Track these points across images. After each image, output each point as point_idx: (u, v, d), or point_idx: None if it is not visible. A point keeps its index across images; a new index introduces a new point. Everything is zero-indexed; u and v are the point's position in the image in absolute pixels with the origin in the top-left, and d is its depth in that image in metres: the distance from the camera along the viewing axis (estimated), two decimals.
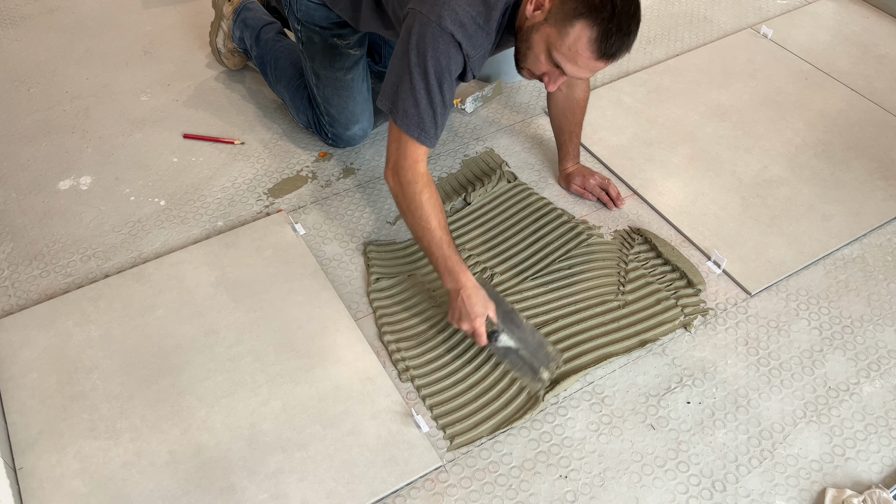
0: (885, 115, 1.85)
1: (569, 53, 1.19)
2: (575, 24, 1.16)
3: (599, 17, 1.14)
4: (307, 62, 1.64)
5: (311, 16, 1.55)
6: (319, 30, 1.57)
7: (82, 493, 1.18)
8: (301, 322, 1.40)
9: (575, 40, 1.17)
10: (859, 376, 1.35)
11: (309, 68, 1.64)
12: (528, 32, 1.24)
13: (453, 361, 1.35)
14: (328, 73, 1.62)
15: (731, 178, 1.69)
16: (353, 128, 1.70)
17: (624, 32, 1.17)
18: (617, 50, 1.18)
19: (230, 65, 1.95)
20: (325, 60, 1.61)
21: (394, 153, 1.30)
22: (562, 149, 1.66)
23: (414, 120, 1.26)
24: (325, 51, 1.60)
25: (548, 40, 1.21)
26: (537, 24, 1.22)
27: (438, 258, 1.30)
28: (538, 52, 1.23)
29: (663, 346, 1.38)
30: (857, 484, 1.21)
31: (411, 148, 1.28)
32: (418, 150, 1.29)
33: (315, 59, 1.61)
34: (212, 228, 1.59)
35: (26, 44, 2.09)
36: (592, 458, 1.24)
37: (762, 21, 2.16)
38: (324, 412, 1.27)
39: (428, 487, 1.20)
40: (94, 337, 1.38)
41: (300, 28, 1.59)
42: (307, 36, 1.59)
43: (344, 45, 1.59)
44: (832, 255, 1.55)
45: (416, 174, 1.29)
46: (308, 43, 1.60)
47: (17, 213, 1.63)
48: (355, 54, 1.62)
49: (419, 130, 1.27)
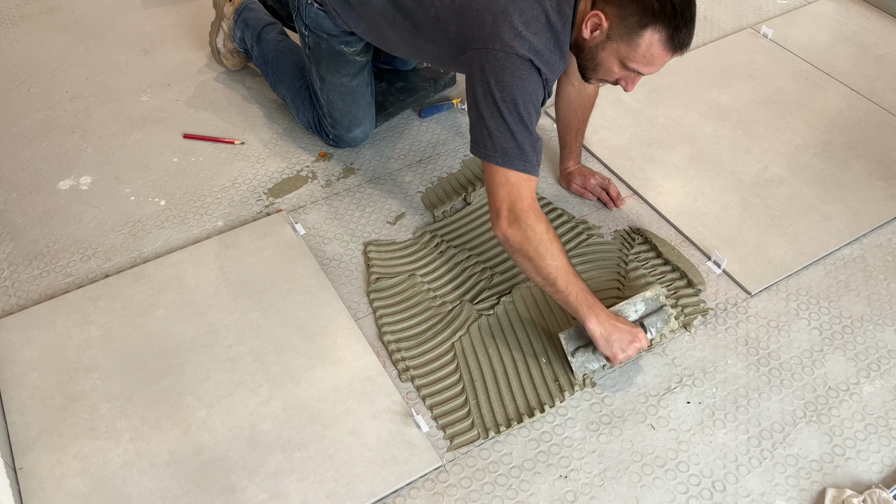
0: (885, 115, 1.85)
1: (644, 59, 1.22)
2: (643, 33, 1.19)
3: (664, 19, 1.17)
4: (312, 66, 1.63)
5: (320, 24, 1.54)
6: (327, 37, 1.56)
7: (82, 493, 1.18)
8: (301, 322, 1.40)
9: (647, 47, 1.20)
10: (859, 376, 1.35)
11: (314, 72, 1.64)
12: (592, 52, 1.26)
13: (453, 361, 1.35)
14: (334, 79, 1.62)
15: (731, 178, 1.69)
16: (355, 130, 1.71)
17: (688, 21, 1.19)
18: (687, 39, 1.21)
19: (230, 65, 1.95)
20: (332, 66, 1.61)
21: (505, 198, 1.24)
22: (565, 147, 1.65)
23: (515, 153, 1.23)
24: (331, 57, 1.59)
25: (618, 54, 1.23)
26: (601, 44, 1.24)
27: (576, 295, 1.25)
28: (610, 66, 1.26)
29: (663, 347, 1.38)
30: (857, 484, 1.21)
31: (523, 185, 1.24)
32: (529, 184, 1.24)
33: (321, 64, 1.61)
34: (212, 228, 1.59)
35: (26, 44, 2.09)
36: (592, 458, 1.24)
37: (762, 21, 2.16)
38: (324, 412, 1.27)
39: (428, 487, 1.20)
40: (94, 337, 1.38)
41: (307, 34, 1.58)
42: (314, 42, 1.58)
43: (351, 52, 1.58)
44: (832, 255, 1.55)
45: (536, 213, 1.24)
46: (315, 48, 1.59)
47: (17, 213, 1.63)
48: (361, 60, 1.62)
49: (523, 162, 1.23)
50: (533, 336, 1.39)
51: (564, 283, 1.25)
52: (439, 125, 1.85)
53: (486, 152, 1.25)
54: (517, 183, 1.24)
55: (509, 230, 1.24)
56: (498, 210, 1.25)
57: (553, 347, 1.37)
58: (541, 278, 1.26)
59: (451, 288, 1.47)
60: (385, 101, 1.83)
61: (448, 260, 1.52)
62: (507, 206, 1.24)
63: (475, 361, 1.35)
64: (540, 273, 1.26)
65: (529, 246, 1.24)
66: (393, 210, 1.63)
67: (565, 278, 1.25)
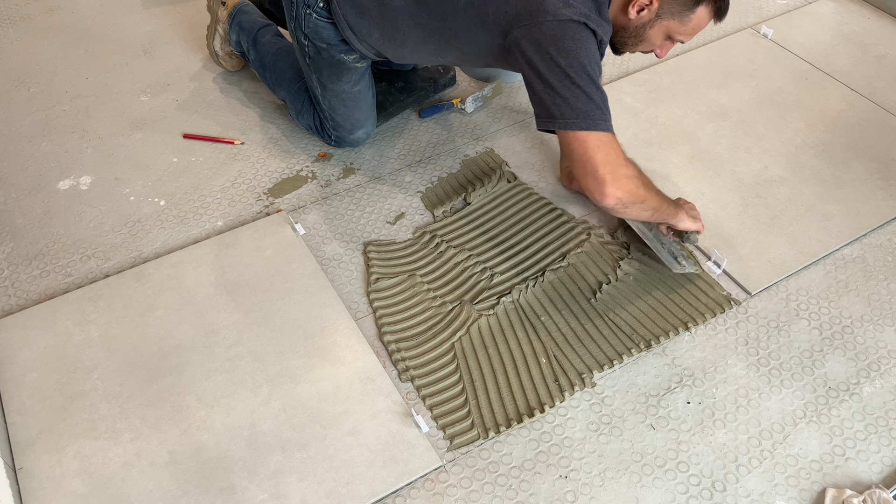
0: (885, 115, 1.85)
1: (691, 31, 1.32)
2: (696, 9, 1.29)
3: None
4: (313, 75, 1.62)
5: (320, 33, 1.53)
6: (327, 46, 1.54)
7: (82, 493, 1.18)
8: (301, 322, 1.40)
9: (699, 21, 1.30)
10: (859, 376, 1.35)
11: (315, 80, 1.63)
12: (639, 30, 1.32)
13: (453, 361, 1.35)
14: (335, 87, 1.62)
15: (731, 178, 1.69)
16: (357, 132, 1.71)
17: None
18: (727, 7, 1.32)
19: (229, 67, 1.95)
20: (333, 75, 1.60)
21: (604, 160, 1.23)
22: None
23: (597, 114, 1.23)
24: (332, 66, 1.58)
25: (668, 30, 1.32)
26: (649, 22, 1.30)
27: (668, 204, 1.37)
28: (654, 40, 1.34)
29: (663, 347, 1.38)
30: (857, 484, 1.21)
31: (614, 143, 1.25)
32: (616, 142, 1.26)
33: (322, 73, 1.60)
34: (212, 228, 1.59)
35: (26, 44, 2.09)
36: (592, 458, 1.24)
37: (762, 21, 2.16)
38: (324, 412, 1.27)
39: (428, 487, 1.20)
40: (94, 337, 1.38)
41: (307, 43, 1.56)
42: (314, 51, 1.57)
43: (351, 59, 1.57)
44: (832, 255, 1.55)
45: (630, 167, 1.27)
46: (315, 58, 1.58)
47: (17, 213, 1.63)
48: (362, 67, 1.61)
49: (605, 121, 1.25)
50: (533, 336, 1.39)
51: (662, 201, 1.35)
52: (439, 125, 1.85)
53: (567, 121, 1.24)
54: (609, 142, 1.25)
55: (620, 191, 1.25)
56: (602, 177, 1.24)
57: (553, 347, 1.37)
58: (650, 211, 1.33)
59: (451, 288, 1.47)
60: (385, 101, 1.83)
61: (448, 260, 1.52)
62: (609, 169, 1.24)
63: (475, 361, 1.35)
64: (650, 207, 1.32)
65: (640, 191, 1.28)
66: (393, 210, 1.63)
67: (660, 197, 1.35)
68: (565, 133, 1.26)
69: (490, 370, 1.34)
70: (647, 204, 1.31)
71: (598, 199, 1.27)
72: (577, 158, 1.27)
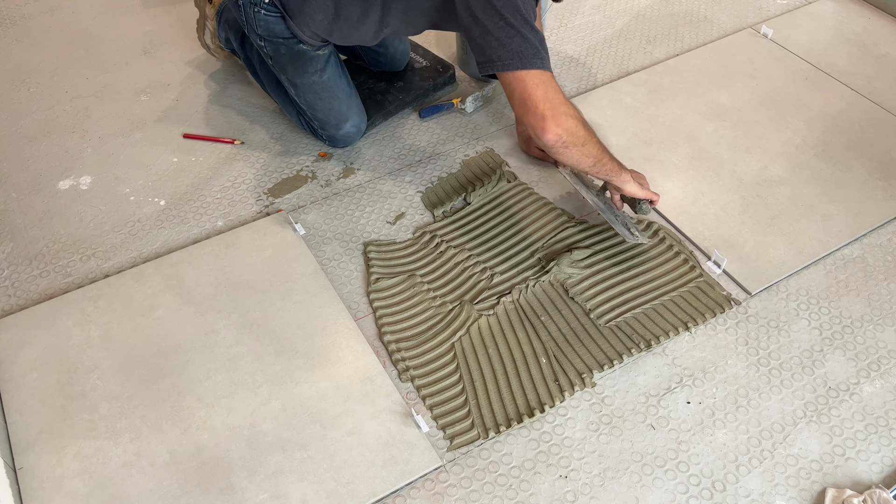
0: (885, 115, 1.85)
1: None
2: None
3: None
4: (281, 75, 1.63)
5: (271, 29, 1.52)
6: (283, 40, 1.54)
7: (82, 493, 1.18)
8: (301, 322, 1.40)
9: None
10: (859, 376, 1.35)
11: (284, 80, 1.63)
12: None
13: (453, 361, 1.35)
14: (304, 80, 1.61)
15: (731, 178, 1.69)
16: (344, 126, 1.70)
17: None
18: None
19: (221, 58, 1.94)
20: (298, 69, 1.59)
21: (543, 98, 1.24)
22: None
23: (531, 52, 1.24)
24: (294, 60, 1.58)
25: None
26: None
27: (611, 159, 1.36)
28: None
29: (663, 347, 1.38)
30: (857, 484, 1.21)
31: (551, 81, 1.24)
32: (555, 81, 1.25)
33: (287, 69, 1.60)
34: (212, 228, 1.59)
35: (26, 44, 2.09)
36: (592, 458, 1.24)
37: (762, 21, 2.16)
38: (324, 412, 1.27)
39: (428, 487, 1.20)
40: (94, 337, 1.38)
41: (263, 44, 1.56)
42: (273, 49, 1.57)
43: (310, 48, 1.57)
44: (832, 255, 1.55)
45: (570, 107, 1.26)
46: (276, 56, 1.58)
47: (17, 213, 1.63)
48: (324, 54, 1.60)
49: (541, 60, 1.24)
50: (533, 336, 1.39)
51: (603, 152, 1.33)
52: (439, 125, 1.85)
53: (504, 62, 1.24)
54: (548, 80, 1.25)
55: (560, 127, 1.24)
56: (542, 114, 1.24)
57: (553, 347, 1.37)
58: (591, 159, 1.31)
59: (451, 288, 1.47)
60: (385, 100, 1.83)
61: (448, 260, 1.52)
62: (549, 106, 1.24)
63: (475, 361, 1.35)
64: (591, 154, 1.30)
65: (580, 131, 1.27)
66: (393, 210, 1.63)
67: (602, 148, 1.33)
68: (504, 75, 1.26)
69: (490, 370, 1.34)
70: (587, 149, 1.30)
71: (539, 135, 1.27)
72: (517, 98, 1.26)
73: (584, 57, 2.05)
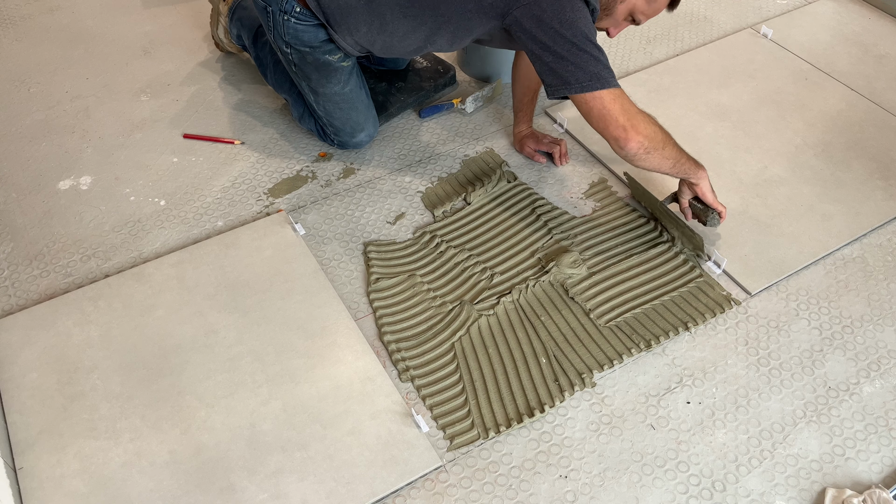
0: (885, 115, 1.85)
1: (654, 12, 1.39)
2: None
3: None
4: (302, 82, 1.62)
5: (300, 37, 1.52)
6: (310, 49, 1.54)
7: (82, 493, 1.18)
8: (301, 322, 1.40)
9: (661, 3, 1.38)
10: (859, 376, 1.35)
11: (305, 87, 1.63)
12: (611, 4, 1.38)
13: (453, 361, 1.35)
14: (327, 90, 1.62)
15: (731, 178, 1.69)
16: (359, 135, 1.71)
17: None
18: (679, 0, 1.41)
19: (234, 50, 1.95)
20: (322, 78, 1.59)
21: (621, 112, 1.32)
22: (521, 111, 1.73)
23: (606, 73, 1.32)
24: (319, 69, 1.58)
25: (633, 9, 1.38)
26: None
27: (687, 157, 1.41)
28: (618, 17, 1.40)
29: (663, 347, 1.38)
30: (857, 484, 1.21)
31: (625, 96, 1.33)
32: (625, 94, 1.34)
33: (310, 78, 1.60)
34: (212, 228, 1.59)
35: (26, 44, 2.09)
36: (592, 458, 1.24)
37: (762, 21, 2.16)
38: (324, 412, 1.27)
39: (428, 487, 1.20)
40: (94, 337, 1.38)
41: (289, 51, 1.56)
42: (298, 57, 1.56)
43: (336, 59, 1.57)
44: (832, 255, 1.55)
45: (646, 115, 1.35)
46: (300, 64, 1.58)
47: (17, 213, 1.63)
48: (348, 66, 1.61)
49: (614, 78, 1.33)
50: (533, 336, 1.39)
51: (681, 153, 1.39)
52: (439, 125, 1.85)
53: (582, 84, 1.32)
54: (622, 95, 1.33)
55: (640, 135, 1.33)
56: (623, 126, 1.32)
57: (553, 347, 1.37)
58: (671, 161, 1.38)
59: (451, 288, 1.47)
60: (386, 101, 1.83)
61: (448, 260, 1.52)
62: (627, 118, 1.32)
63: (475, 361, 1.35)
64: (670, 156, 1.37)
65: (659, 136, 1.35)
66: (393, 210, 1.63)
67: (680, 149, 1.39)
68: (581, 96, 1.33)
69: (490, 370, 1.34)
70: (667, 151, 1.37)
71: (622, 146, 1.34)
72: (595, 115, 1.34)
73: None
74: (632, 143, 1.33)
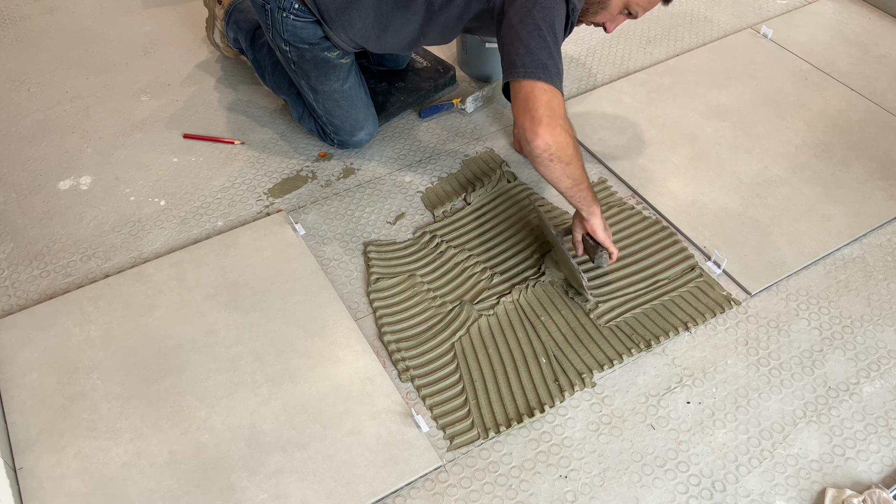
0: (885, 115, 1.85)
1: (648, 4, 1.37)
2: None
3: None
4: (301, 80, 1.62)
5: (298, 34, 1.52)
6: (309, 46, 1.54)
7: (82, 493, 1.18)
8: (301, 322, 1.40)
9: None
10: (859, 376, 1.35)
11: (304, 85, 1.63)
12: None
13: (453, 361, 1.35)
14: (325, 87, 1.62)
15: (731, 178, 1.69)
16: (359, 133, 1.71)
17: None
18: None
19: (231, 55, 1.94)
20: (321, 76, 1.59)
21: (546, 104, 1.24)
22: None
23: (554, 71, 1.27)
24: (318, 66, 1.58)
25: (627, 1, 1.37)
26: None
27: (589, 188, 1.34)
28: (613, 10, 1.38)
29: (663, 347, 1.38)
30: (857, 484, 1.21)
31: (560, 97, 1.27)
32: (563, 100, 1.28)
33: (310, 75, 1.60)
34: (212, 228, 1.60)
35: (26, 43, 2.09)
36: (592, 458, 1.24)
37: (762, 21, 2.16)
38: (324, 412, 1.27)
39: (428, 487, 1.20)
40: (94, 337, 1.38)
41: (288, 49, 1.56)
42: (297, 55, 1.56)
43: (335, 56, 1.57)
44: (832, 255, 1.55)
45: (569, 125, 1.29)
46: (299, 61, 1.58)
47: (17, 213, 1.63)
48: (347, 63, 1.61)
49: (559, 80, 1.28)
50: (533, 336, 1.39)
51: (584, 178, 1.32)
52: (439, 125, 1.85)
53: (526, 69, 1.25)
54: (556, 94, 1.26)
55: (551, 137, 1.24)
56: (539, 117, 1.23)
57: (553, 347, 1.37)
58: (571, 181, 1.30)
59: (451, 288, 1.47)
60: (385, 101, 1.83)
61: (448, 260, 1.52)
62: (548, 113, 1.24)
63: (475, 361, 1.35)
64: (572, 175, 1.30)
65: (570, 148, 1.27)
66: (393, 210, 1.63)
67: (584, 174, 1.32)
68: (520, 81, 1.26)
69: (490, 370, 1.34)
70: (570, 169, 1.28)
71: (529, 139, 1.25)
72: (521, 98, 1.26)
73: (585, 57, 2.05)
74: (539, 141, 1.24)
